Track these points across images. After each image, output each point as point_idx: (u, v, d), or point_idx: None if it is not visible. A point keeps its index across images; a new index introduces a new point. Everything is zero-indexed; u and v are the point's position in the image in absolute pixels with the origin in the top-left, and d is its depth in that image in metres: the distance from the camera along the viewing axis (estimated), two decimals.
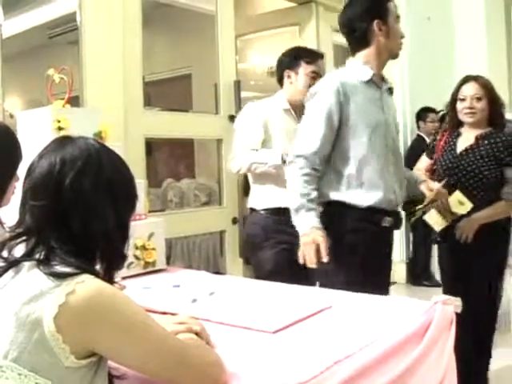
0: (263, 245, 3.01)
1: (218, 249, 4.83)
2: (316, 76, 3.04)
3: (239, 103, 3.85)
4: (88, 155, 1.23)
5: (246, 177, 3.92)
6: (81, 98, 3.21)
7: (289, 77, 3.13)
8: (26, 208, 1.21)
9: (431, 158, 3.29)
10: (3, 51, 2.91)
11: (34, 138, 2.30)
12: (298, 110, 3.06)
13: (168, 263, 2.58)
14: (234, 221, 3.86)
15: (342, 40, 4.14)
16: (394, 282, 5.59)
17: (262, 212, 3.06)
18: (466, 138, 3.14)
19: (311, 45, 4.49)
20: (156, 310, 1.76)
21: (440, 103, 5.98)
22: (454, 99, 3.15)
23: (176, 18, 5.31)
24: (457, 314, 1.72)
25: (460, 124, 3.19)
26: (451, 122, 3.24)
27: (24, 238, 1.19)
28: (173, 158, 6.55)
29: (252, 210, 3.14)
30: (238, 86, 3.87)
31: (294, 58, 3.14)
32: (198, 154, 6.26)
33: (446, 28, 6.69)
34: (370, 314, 1.73)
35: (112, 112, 2.62)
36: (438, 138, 3.31)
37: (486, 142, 3.06)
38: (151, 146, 4.22)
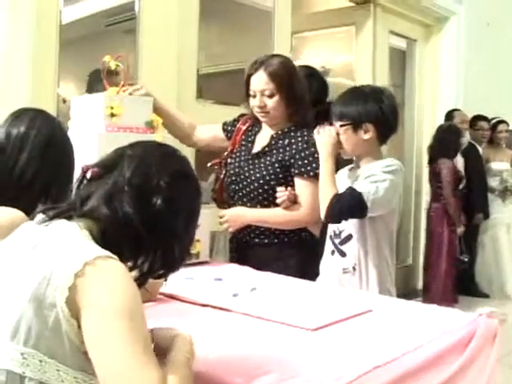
0: None
1: None
2: None
3: None
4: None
5: None
6: None
7: None
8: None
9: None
10: (61, 37, 2.95)
11: (86, 123, 2.33)
12: None
13: (210, 256, 2.58)
14: None
15: (399, 43, 4.11)
16: None
17: None
18: (263, 136, 2.50)
19: (367, 46, 4.45)
20: (197, 302, 1.77)
21: (498, 110, 5.91)
22: None
23: (233, 12, 5.32)
24: None
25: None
26: (249, 108, 2.52)
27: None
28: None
29: None
30: None
31: None
32: None
33: (506, 34, 6.56)
34: (411, 322, 1.70)
35: (165, 102, 2.63)
36: (240, 123, 2.60)
37: (280, 143, 2.41)
38: None
